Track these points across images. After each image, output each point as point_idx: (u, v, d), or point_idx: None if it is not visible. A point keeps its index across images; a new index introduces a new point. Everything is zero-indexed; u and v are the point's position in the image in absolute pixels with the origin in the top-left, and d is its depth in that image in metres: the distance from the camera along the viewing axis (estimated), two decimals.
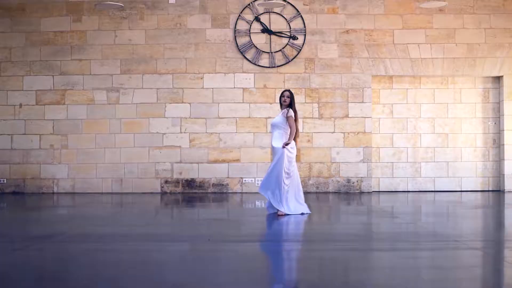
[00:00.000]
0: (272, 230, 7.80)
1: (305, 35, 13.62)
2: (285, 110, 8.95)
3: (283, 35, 13.64)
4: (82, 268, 5.20)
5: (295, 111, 8.94)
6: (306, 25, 13.64)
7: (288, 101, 9.01)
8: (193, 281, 4.60)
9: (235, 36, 13.62)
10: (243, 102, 13.56)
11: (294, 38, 13.60)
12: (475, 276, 4.83)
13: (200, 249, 6.10)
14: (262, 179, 9.33)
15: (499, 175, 13.85)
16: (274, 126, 9.07)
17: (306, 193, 13.25)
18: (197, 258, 5.56)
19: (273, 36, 13.65)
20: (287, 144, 8.89)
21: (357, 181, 13.57)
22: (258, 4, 13.48)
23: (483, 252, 5.80)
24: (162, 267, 5.10)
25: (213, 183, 13.59)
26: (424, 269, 5.14)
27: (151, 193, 13.48)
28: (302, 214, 8.87)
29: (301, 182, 13.42)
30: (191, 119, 13.56)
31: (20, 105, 13.64)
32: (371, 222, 8.55)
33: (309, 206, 9.27)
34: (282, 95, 9.10)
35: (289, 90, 9.14)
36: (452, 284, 4.55)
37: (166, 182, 13.58)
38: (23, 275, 4.82)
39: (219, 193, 13.49)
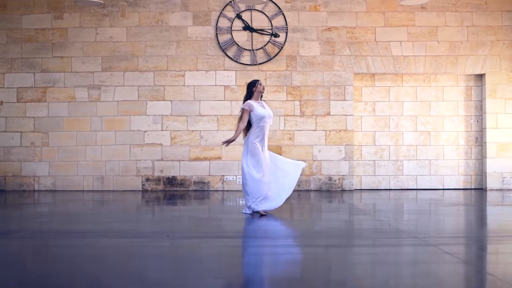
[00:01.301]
0: (242, 227, 7.75)
1: (286, 32, 13.59)
2: (264, 102, 8.53)
3: (264, 32, 13.61)
4: (41, 262, 5.18)
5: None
6: (287, 22, 13.60)
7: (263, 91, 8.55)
8: (142, 276, 4.58)
9: (216, 34, 13.60)
10: (224, 100, 13.53)
11: (276, 35, 13.56)
12: (416, 272, 4.80)
13: (158, 245, 6.07)
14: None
15: (482, 173, 13.80)
16: (267, 117, 8.37)
17: None
18: (150, 253, 5.54)
19: (254, 34, 13.61)
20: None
21: (338, 179, 13.53)
22: (239, 2, 13.43)
23: (437, 248, 5.76)
24: (118, 262, 5.07)
25: (194, 181, 13.56)
26: (367, 264, 5.11)
27: (132, 190, 13.46)
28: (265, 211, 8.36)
29: None
30: (172, 116, 13.53)
31: (1, 103, 13.62)
32: (340, 219, 8.51)
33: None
34: (258, 84, 8.44)
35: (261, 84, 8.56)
36: (384, 279, 4.52)
37: (147, 180, 13.55)
38: None
39: (200, 191, 13.47)
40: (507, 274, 4.72)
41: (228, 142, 8.36)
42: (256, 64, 13.54)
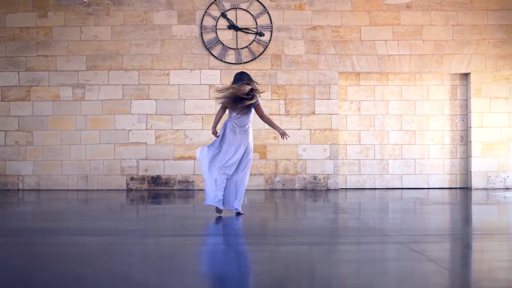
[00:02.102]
0: (214, 225, 7.71)
1: (271, 31, 13.57)
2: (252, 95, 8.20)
3: (249, 31, 13.59)
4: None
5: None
6: (272, 21, 13.58)
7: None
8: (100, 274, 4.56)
9: (201, 32, 13.57)
10: (209, 99, 13.51)
11: (261, 34, 13.54)
12: (374, 269, 4.78)
13: (126, 242, 6.05)
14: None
15: (467, 172, 13.79)
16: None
17: (272, 190, 13.25)
18: (115, 251, 5.52)
19: (239, 33, 13.59)
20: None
21: (323, 178, 13.51)
22: (224, 0, 13.41)
23: (405, 246, 5.74)
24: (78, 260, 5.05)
25: (179, 180, 13.53)
26: (326, 261, 5.09)
27: (117, 190, 13.43)
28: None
29: (268, 179, 13.47)
30: (157, 115, 13.50)
31: None
32: (316, 218, 8.48)
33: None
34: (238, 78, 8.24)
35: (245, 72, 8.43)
36: (337, 276, 4.50)
37: (132, 179, 13.52)
38: None
39: (185, 190, 13.44)
40: (466, 271, 4.70)
41: (283, 134, 8.20)
42: (241, 63, 13.51)
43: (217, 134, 8.03)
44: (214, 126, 8.08)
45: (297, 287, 4.21)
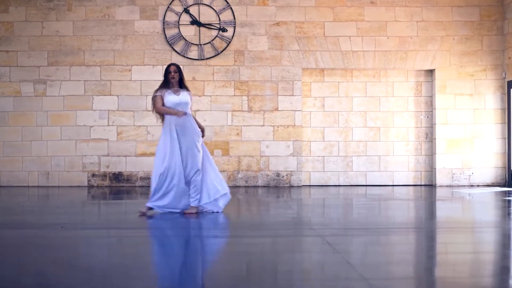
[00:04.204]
0: (156, 220, 7.58)
1: (234, 27, 13.47)
2: (189, 92, 7.83)
3: (212, 27, 13.48)
4: None
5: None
6: (236, 17, 13.48)
7: (177, 77, 7.73)
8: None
9: (163, 28, 13.47)
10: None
11: (224, 30, 13.44)
12: (277, 260, 4.69)
13: (42, 235, 5.96)
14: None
15: (431, 169, 13.70)
16: (182, 104, 7.70)
17: (235, 187, 13.15)
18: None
19: (202, 28, 13.49)
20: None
21: (286, 175, 13.41)
22: None
23: (322, 239, 5.65)
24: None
25: (140, 177, 13.43)
26: (235, 253, 4.99)
27: (78, 186, 13.32)
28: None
29: (230, 175, 13.36)
30: (118, 111, 13.40)
31: None
32: (255, 213, 8.39)
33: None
34: (168, 71, 7.76)
35: (175, 64, 7.91)
36: (239, 267, 4.40)
37: (93, 175, 13.41)
38: None
39: (147, 186, 13.30)
40: (367, 264, 4.60)
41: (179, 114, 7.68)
42: (203, 59, 13.41)
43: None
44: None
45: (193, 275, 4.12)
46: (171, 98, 7.70)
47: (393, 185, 13.64)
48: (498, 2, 13.55)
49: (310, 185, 13.64)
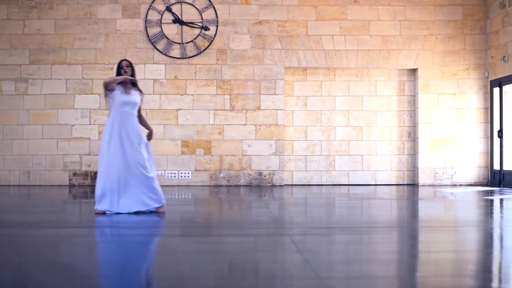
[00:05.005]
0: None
1: (217, 25, 13.42)
2: (141, 93, 7.60)
3: (195, 25, 13.44)
4: None
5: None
6: (218, 15, 13.43)
7: (129, 71, 7.53)
8: None
9: (146, 27, 13.41)
10: (153, 94, 13.34)
11: (206, 28, 13.39)
12: (233, 259, 4.64)
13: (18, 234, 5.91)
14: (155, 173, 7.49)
15: (414, 168, 13.68)
16: (130, 104, 7.42)
17: (217, 186, 13.11)
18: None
19: (184, 27, 13.44)
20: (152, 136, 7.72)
21: (269, 174, 13.37)
22: None
23: (289, 238, 5.61)
24: None
25: None
26: (200, 252, 4.95)
27: (59, 185, 13.25)
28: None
29: (212, 175, 13.32)
30: (100, 110, 13.32)
31: None
32: (227, 212, 8.35)
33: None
34: (120, 66, 7.57)
35: (127, 60, 7.70)
36: (195, 266, 4.36)
37: (75, 174, 13.35)
38: None
39: None
40: (327, 263, 4.57)
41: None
42: (185, 58, 13.37)
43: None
44: None
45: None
46: (120, 96, 7.38)
47: (375, 185, 13.62)
48: (481, 2, 13.54)
49: (292, 185, 13.61)
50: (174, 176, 13.32)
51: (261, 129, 13.38)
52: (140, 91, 7.66)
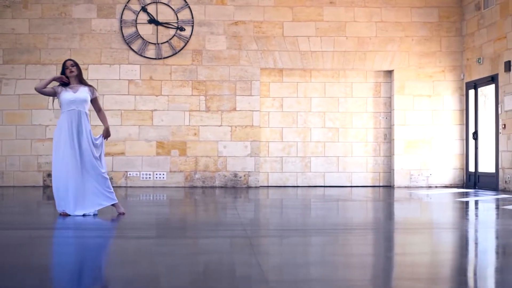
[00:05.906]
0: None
1: (192, 26, 13.37)
2: (91, 88, 7.37)
3: (170, 26, 13.37)
4: None
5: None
6: (194, 16, 13.38)
7: (75, 71, 7.27)
8: None
9: (121, 27, 13.33)
10: (128, 94, 13.27)
11: (182, 29, 13.34)
12: (187, 262, 4.59)
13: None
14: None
15: (390, 170, 13.68)
16: (76, 102, 7.20)
17: (192, 187, 13.05)
18: None
19: (160, 27, 13.38)
20: (109, 134, 7.51)
21: (244, 176, 13.32)
22: None
23: (249, 240, 5.57)
24: None
25: None
26: (158, 255, 4.89)
27: (33, 186, 13.14)
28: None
29: (187, 176, 13.26)
30: None
31: None
32: (191, 214, 8.29)
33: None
34: (65, 66, 7.29)
35: (72, 59, 7.44)
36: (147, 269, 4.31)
37: (49, 175, 13.23)
38: None
39: None
40: (279, 266, 4.52)
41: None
42: (161, 58, 13.30)
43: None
44: None
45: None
46: (66, 95, 7.20)
47: (351, 186, 13.60)
48: (457, 3, 13.57)
49: (268, 186, 13.57)
50: (149, 177, 13.25)
51: (236, 130, 13.33)
52: (91, 86, 7.46)
